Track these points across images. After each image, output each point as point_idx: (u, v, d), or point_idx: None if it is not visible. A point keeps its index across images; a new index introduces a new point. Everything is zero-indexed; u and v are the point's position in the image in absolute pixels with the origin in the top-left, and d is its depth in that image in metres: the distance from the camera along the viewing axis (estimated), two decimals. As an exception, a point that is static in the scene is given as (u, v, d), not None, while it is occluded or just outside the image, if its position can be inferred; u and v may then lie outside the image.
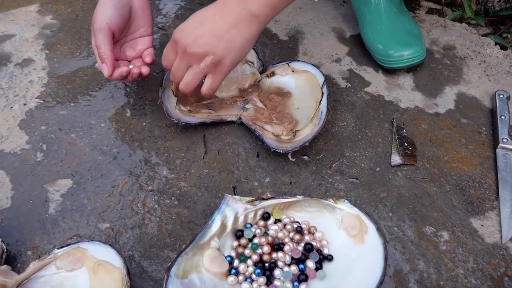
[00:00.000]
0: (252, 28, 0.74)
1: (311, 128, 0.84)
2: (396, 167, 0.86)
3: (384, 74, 1.04)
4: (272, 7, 0.73)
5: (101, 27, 0.79)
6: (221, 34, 0.73)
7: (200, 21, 0.75)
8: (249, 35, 0.75)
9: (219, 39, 0.73)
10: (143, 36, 0.88)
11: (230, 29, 0.73)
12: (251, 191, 0.82)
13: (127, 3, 0.84)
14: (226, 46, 0.74)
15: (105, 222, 0.77)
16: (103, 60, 0.80)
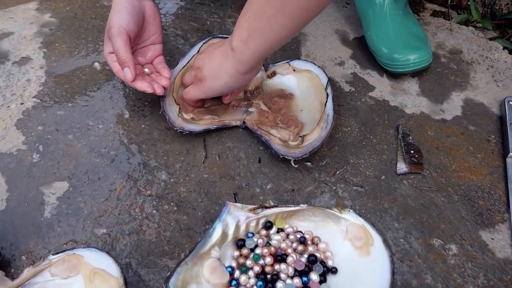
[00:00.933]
0: (229, 61, 0.75)
1: (319, 133, 0.82)
2: (402, 176, 0.84)
3: (388, 78, 1.02)
4: (245, 42, 0.71)
5: (119, 32, 0.78)
6: (212, 59, 0.77)
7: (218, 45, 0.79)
8: (226, 67, 0.76)
9: (210, 62, 0.78)
10: (154, 44, 0.88)
11: (218, 58, 0.77)
12: (253, 198, 0.80)
13: (140, 11, 0.83)
14: (211, 71, 0.78)
15: (102, 228, 0.75)
16: (124, 64, 0.79)
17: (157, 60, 0.89)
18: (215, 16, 1.16)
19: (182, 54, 1.02)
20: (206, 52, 0.80)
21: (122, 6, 0.81)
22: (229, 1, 1.21)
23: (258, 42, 0.70)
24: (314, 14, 0.67)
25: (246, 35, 0.70)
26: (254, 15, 0.68)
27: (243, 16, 0.70)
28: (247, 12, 0.68)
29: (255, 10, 0.67)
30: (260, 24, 0.68)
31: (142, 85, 0.81)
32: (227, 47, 0.74)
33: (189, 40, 1.08)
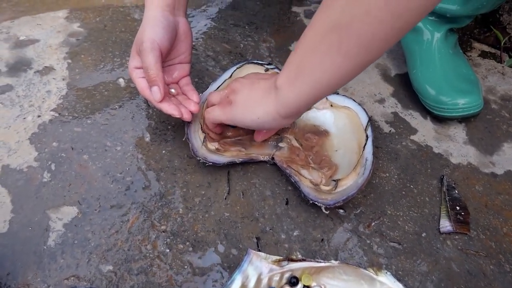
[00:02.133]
0: (270, 99, 0.67)
1: (355, 179, 0.74)
2: (446, 235, 0.75)
3: (433, 121, 0.94)
4: (291, 82, 0.63)
5: (153, 47, 0.73)
6: (253, 88, 0.70)
7: (256, 75, 0.75)
8: (266, 104, 0.68)
9: (248, 89, 0.71)
10: (182, 63, 0.83)
11: (259, 89, 0.69)
12: (277, 245, 0.72)
13: (174, 27, 0.78)
14: (246, 98, 0.71)
15: (108, 264, 0.68)
16: (153, 83, 0.73)
17: (184, 80, 0.83)
18: (249, 39, 1.10)
19: (212, 77, 0.96)
20: (248, 78, 0.74)
21: (158, 20, 0.75)
22: (264, 24, 1.15)
23: (306, 83, 0.60)
24: (375, 57, 0.55)
25: (294, 73, 0.61)
26: (305, 51, 0.59)
27: (294, 51, 0.62)
28: (299, 46, 0.60)
29: (307, 45, 0.58)
30: (311, 62, 0.58)
31: (169, 108, 0.75)
32: (272, 83, 0.67)
33: (220, 62, 1.02)
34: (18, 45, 1.01)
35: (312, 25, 0.57)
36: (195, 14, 1.16)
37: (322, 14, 0.55)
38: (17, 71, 0.95)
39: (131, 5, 1.16)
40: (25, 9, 1.12)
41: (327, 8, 0.54)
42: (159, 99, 0.74)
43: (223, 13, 1.17)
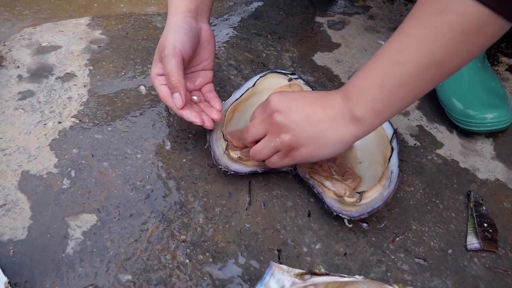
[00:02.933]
0: (349, 129, 0.63)
1: (380, 191, 0.72)
2: (473, 252, 0.73)
3: (459, 135, 0.92)
4: (377, 114, 0.61)
5: (174, 53, 0.71)
6: (314, 121, 0.64)
7: (302, 97, 0.67)
8: (342, 135, 0.64)
9: (309, 125, 0.65)
10: (205, 70, 0.82)
11: (325, 121, 0.64)
12: (298, 258, 0.70)
13: (197, 33, 0.77)
14: (312, 135, 0.65)
15: (127, 273, 0.67)
16: (174, 89, 0.72)
17: (206, 87, 0.82)
18: (271, 48, 1.09)
19: (233, 85, 0.96)
20: (294, 111, 0.66)
21: (180, 26, 0.75)
22: (287, 34, 1.14)
23: (393, 113, 0.62)
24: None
25: (382, 107, 0.60)
26: (396, 87, 0.58)
27: (376, 87, 0.59)
28: (385, 83, 0.58)
29: (398, 82, 0.58)
30: (402, 96, 0.59)
31: (191, 115, 0.73)
32: (344, 114, 0.63)
33: (242, 71, 1.01)
34: (40, 51, 1.01)
35: (403, 62, 0.57)
36: (217, 23, 1.16)
37: (416, 51, 0.56)
38: (39, 77, 0.95)
39: (153, 13, 1.16)
40: (47, 16, 1.13)
41: (420, 47, 0.55)
42: (180, 106, 0.73)
43: (245, 22, 1.16)
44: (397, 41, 0.57)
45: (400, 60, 0.57)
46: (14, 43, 1.02)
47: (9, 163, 0.79)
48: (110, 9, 1.17)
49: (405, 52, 0.56)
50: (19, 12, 1.14)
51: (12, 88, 0.92)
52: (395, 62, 0.57)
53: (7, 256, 0.67)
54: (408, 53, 0.56)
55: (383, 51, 0.59)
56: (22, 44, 1.02)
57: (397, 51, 0.57)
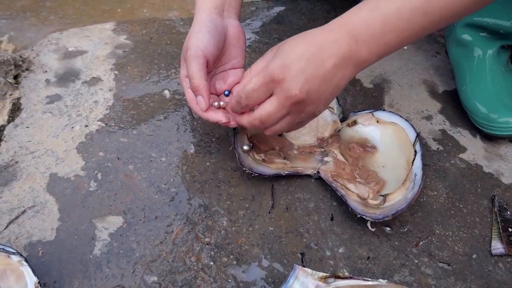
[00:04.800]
0: (355, 71, 0.63)
1: (404, 193, 0.72)
2: (498, 257, 0.73)
3: (482, 140, 0.92)
4: (383, 55, 0.63)
5: (196, 55, 0.69)
6: (330, 78, 0.61)
7: (305, 59, 0.60)
8: (350, 77, 0.64)
9: (328, 84, 0.62)
10: (235, 68, 0.78)
11: (337, 72, 0.62)
12: (321, 262, 0.70)
13: (222, 31, 0.74)
14: (331, 92, 0.63)
15: (153, 275, 0.68)
16: (197, 92, 0.70)
17: (238, 87, 0.78)
18: (293, 53, 1.09)
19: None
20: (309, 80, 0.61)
21: (203, 25, 0.72)
22: (309, 38, 1.14)
23: (391, 51, 0.63)
24: None
25: (390, 50, 0.62)
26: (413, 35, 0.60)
27: (393, 33, 0.59)
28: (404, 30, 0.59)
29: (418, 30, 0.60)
30: (411, 41, 0.62)
31: (216, 115, 0.70)
32: (352, 59, 0.61)
33: (265, 76, 1.01)
34: (67, 56, 1.03)
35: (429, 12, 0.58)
36: (239, 27, 1.17)
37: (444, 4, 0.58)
38: (66, 81, 0.97)
39: (176, 18, 1.18)
40: (72, 21, 1.15)
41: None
42: (204, 109, 0.70)
43: (267, 27, 1.17)
44: None
45: (427, 10, 0.57)
46: (42, 48, 1.05)
47: (37, 166, 0.81)
48: (133, 14, 1.19)
49: (434, 3, 0.57)
50: (45, 18, 1.16)
51: (40, 92, 0.94)
52: (422, 12, 0.58)
53: (37, 257, 0.69)
54: (437, 5, 0.57)
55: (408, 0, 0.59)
56: (49, 49, 1.04)
57: (426, 2, 0.57)
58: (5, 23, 1.12)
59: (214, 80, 0.78)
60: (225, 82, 0.78)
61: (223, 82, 0.78)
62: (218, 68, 0.78)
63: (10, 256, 0.62)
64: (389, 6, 0.59)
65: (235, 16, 0.78)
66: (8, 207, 0.74)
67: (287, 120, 0.66)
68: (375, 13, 0.59)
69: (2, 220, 0.73)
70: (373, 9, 0.60)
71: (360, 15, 0.61)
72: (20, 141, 0.84)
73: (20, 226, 0.72)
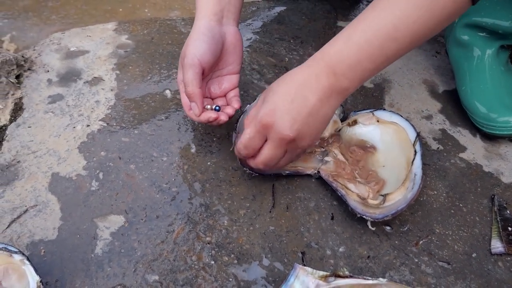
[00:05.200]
0: (340, 99, 0.67)
1: (403, 193, 0.73)
2: (497, 256, 0.73)
3: (482, 139, 0.92)
4: (363, 81, 0.66)
5: (192, 64, 0.72)
6: (316, 112, 0.66)
7: (290, 100, 0.65)
8: (336, 106, 0.68)
9: (315, 117, 0.66)
10: (230, 74, 0.81)
11: (323, 105, 0.66)
12: (322, 261, 0.71)
13: (220, 39, 0.77)
14: (320, 124, 0.68)
15: (154, 274, 0.68)
16: (191, 99, 0.74)
17: (232, 93, 0.82)
18: (294, 53, 1.10)
19: (257, 90, 0.97)
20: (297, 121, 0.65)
21: (201, 33, 0.74)
22: (309, 38, 1.15)
23: (370, 75, 0.66)
24: None
25: (369, 75, 0.65)
26: (387, 60, 0.63)
27: (368, 60, 0.62)
28: (378, 57, 0.62)
29: (391, 55, 0.63)
30: (387, 65, 0.65)
31: (206, 114, 0.75)
32: (334, 89, 0.65)
33: (265, 75, 1.02)
34: (69, 56, 1.03)
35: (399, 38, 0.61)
36: (240, 28, 1.16)
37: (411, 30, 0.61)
38: (68, 81, 0.97)
39: (177, 18, 1.18)
40: (74, 21, 1.16)
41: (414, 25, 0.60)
42: (198, 114, 0.74)
43: (268, 27, 1.17)
44: (390, 16, 0.60)
45: (397, 37, 0.60)
46: (44, 48, 1.05)
47: (39, 165, 0.81)
48: (135, 14, 1.19)
49: (401, 30, 0.60)
50: (47, 17, 1.17)
51: (42, 92, 0.94)
52: (392, 38, 0.60)
53: (39, 256, 0.69)
54: (405, 30, 0.60)
55: (374, 24, 0.61)
56: (51, 49, 1.05)
57: (394, 29, 0.60)
58: (7, 23, 1.13)
59: (210, 84, 0.81)
60: (220, 87, 0.81)
61: (218, 87, 0.81)
62: (215, 72, 0.81)
63: (12, 255, 0.62)
64: (360, 36, 0.62)
65: (234, 22, 0.80)
66: (10, 206, 0.75)
67: (286, 157, 0.71)
68: (349, 44, 0.63)
69: (4, 219, 0.73)
70: (346, 41, 0.63)
71: (335, 48, 0.64)
72: (22, 140, 0.84)
73: (22, 225, 0.73)
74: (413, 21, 0.59)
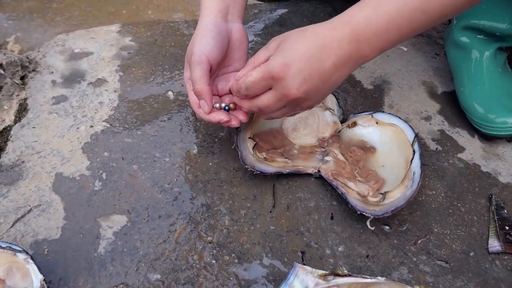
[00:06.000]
0: (354, 67, 0.66)
1: (403, 191, 0.74)
2: (495, 255, 0.74)
3: (480, 140, 0.93)
4: (383, 51, 0.65)
5: (200, 61, 0.70)
6: (327, 77, 0.64)
7: (305, 59, 0.63)
8: (349, 73, 0.67)
9: (324, 82, 0.65)
10: (237, 71, 0.78)
11: (336, 71, 0.64)
12: (322, 260, 0.72)
13: (226, 35, 0.76)
14: (327, 89, 0.66)
15: (156, 273, 0.69)
16: (200, 96, 0.72)
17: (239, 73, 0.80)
18: (295, 54, 1.10)
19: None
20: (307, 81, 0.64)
21: (207, 29, 0.73)
22: (311, 40, 1.15)
23: (390, 47, 0.65)
24: None
25: (391, 46, 0.64)
26: (413, 31, 0.63)
27: (395, 30, 0.62)
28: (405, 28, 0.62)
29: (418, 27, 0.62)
30: (411, 36, 0.64)
31: (217, 115, 0.73)
32: (353, 56, 0.64)
33: (267, 77, 1.03)
34: (73, 57, 1.05)
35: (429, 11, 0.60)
36: (242, 29, 1.18)
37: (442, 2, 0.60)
38: (72, 83, 0.99)
39: (180, 20, 1.19)
40: (78, 23, 1.17)
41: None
42: (206, 112, 0.73)
43: (269, 29, 1.18)
44: None
45: (427, 9, 0.59)
46: (48, 49, 1.07)
47: (43, 165, 0.82)
48: (138, 15, 1.21)
49: (433, 2, 0.59)
50: (51, 19, 1.18)
51: (46, 93, 0.96)
52: (421, 11, 0.60)
53: (42, 255, 0.71)
54: (436, 3, 0.59)
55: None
56: (55, 50, 1.06)
57: (426, 1, 0.59)
58: (12, 24, 1.14)
59: (217, 82, 0.80)
60: (228, 84, 0.79)
61: (226, 84, 0.79)
62: (221, 70, 0.79)
63: (17, 254, 0.64)
64: (391, 4, 0.60)
65: (239, 19, 0.80)
66: (15, 206, 0.76)
67: (283, 111, 0.70)
68: (379, 11, 0.61)
69: (9, 219, 0.74)
70: (377, 8, 0.61)
71: (364, 13, 0.62)
72: (27, 141, 0.86)
73: (26, 225, 0.74)
74: None
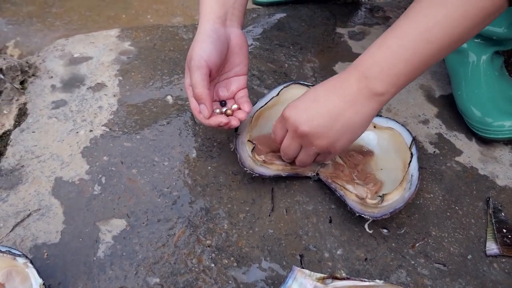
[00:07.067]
0: (371, 106, 0.66)
1: (401, 193, 0.74)
2: (492, 258, 0.74)
3: (478, 143, 0.93)
4: (398, 87, 0.65)
5: (199, 65, 0.71)
6: (337, 114, 0.67)
7: (313, 99, 0.69)
8: (367, 113, 0.67)
9: (335, 120, 0.67)
10: (238, 75, 0.80)
11: (348, 109, 0.66)
12: (320, 263, 0.72)
13: (225, 40, 0.76)
14: (341, 127, 0.68)
15: (155, 277, 0.70)
16: (200, 101, 0.73)
17: (241, 93, 0.81)
18: (293, 59, 1.11)
19: (257, 95, 0.98)
20: (314, 117, 0.68)
21: (206, 35, 0.74)
22: (309, 45, 1.16)
23: (409, 82, 0.66)
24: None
25: (404, 80, 0.64)
26: (422, 63, 0.63)
27: (401, 63, 0.62)
28: (411, 60, 0.62)
29: (425, 58, 0.62)
30: (423, 69, 0.64)
31: (216, 118, 0.74)
32: (364, 93, 0.65)
33: (265, 81, 1.04)
34: (72, 62, 1.05)
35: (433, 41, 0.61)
36: (241, 34, 1.19)
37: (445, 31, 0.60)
38: (71, 87, 0.99)
39: (179, 25, 1.20)
40: (77, 27, 1.18)
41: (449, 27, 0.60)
42: (206, 116, 0.73)
43: (268, 33, 1.19)
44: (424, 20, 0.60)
45: (430, 39, 0.60)
46: (48, 54, 1.07)
47: (43, 170, 0.83)
48: (137, 20, 1.21)
49: (435, 32, 0.60)
50: (51, 24, 1.19)
51: (46, 98, 0.96)
52: (425, 41, 0.60)
53: (42, 259, 0.71)
54: (440, 32, 0.59)
55: (407, 28, 0.62)
56: (55, 55, 1.07)
57: (428, 32, 0.60)
58: (11, 29, 1.15)
59: (218, 87, 0.80)
60: (228, 89, 0.81)
61: (226, 89, 0.81)
62: (222, 75, 0.80)
63: (16, 258, 0.64)
64: (393, 40, 0.63)
65: (238, 24, 0.80)
66: (14, 210, 0.76)
67: (303, 152, 0.74)
68: (382, 48, 0.64)
69: (8, 223, 0.75)
70: (381, 45, 0.64)
71: (369, 52, 0.65)
72: (26, 145, 0.86)
73: (26, 229, 0.74)
74: (448, 23, 0.59)
